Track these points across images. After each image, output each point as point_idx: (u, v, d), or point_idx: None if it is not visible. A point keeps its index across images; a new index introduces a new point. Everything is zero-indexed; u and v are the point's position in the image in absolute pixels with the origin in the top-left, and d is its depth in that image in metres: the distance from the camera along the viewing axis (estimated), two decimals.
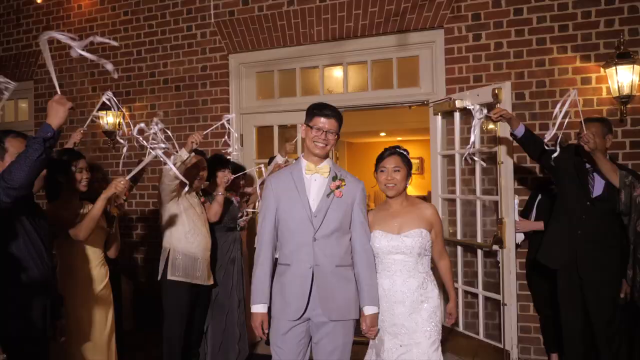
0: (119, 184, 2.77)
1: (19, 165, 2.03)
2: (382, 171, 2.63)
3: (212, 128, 3.70)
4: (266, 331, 2.42)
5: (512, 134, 3.40)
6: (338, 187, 2.47)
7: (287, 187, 2.47)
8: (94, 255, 2.84)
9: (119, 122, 5.27)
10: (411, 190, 12.18)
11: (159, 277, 3.54)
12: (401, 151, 2.65)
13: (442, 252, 2.69)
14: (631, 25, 3.86)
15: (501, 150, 3.73)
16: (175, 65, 5.23)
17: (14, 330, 2.10)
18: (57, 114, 2.07)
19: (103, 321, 2.83)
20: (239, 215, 4.08)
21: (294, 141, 4.21)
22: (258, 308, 2.43)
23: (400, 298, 2.51)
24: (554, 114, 3.05)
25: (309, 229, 2.40)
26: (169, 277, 3.48)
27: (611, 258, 3.25)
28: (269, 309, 2.45)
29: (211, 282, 3.72)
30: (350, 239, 2.51)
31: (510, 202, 3.72)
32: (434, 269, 2.71)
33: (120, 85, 5.43)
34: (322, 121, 2.44)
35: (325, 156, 2.51)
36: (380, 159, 2.67)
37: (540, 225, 3.76)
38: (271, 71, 5.03)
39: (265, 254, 2.46)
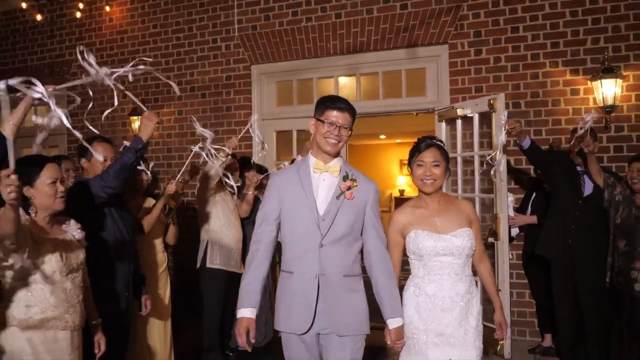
0: (170, 186, 3.30)
1: (115, 170, 2.51)
2: (419, 165, 2.34)
3: (242, 133, 4.17)
4: (252, 340, 2.17)
5: (519, 145, 3.79)
6: (349, 187, 2.22)
7: (292, 186, 2.23)
8: (156, 242, 3.32)
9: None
10: (409, 192, 12.69)
11: (198, 266, 4.02)
12: (439, 143, 2.37)
13: (482, 253, 2.45)
14: (615, 43, 4.35)
15: (497, 154, 4.19)
16: (201, 74, 5.70)
17: (105, 305, 2.56)
18: (146, 128, 2.54)
19: (162, 298, 3.32)
20: None
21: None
22: (245, 312, 2.16)
23: (448, 305, 2.27)
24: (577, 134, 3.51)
25: (316, 233, 2.17)
26: (208, 265, 3.96)
27: (601, 254, 3.72)
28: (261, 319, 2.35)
29: (242, 270, 4.18)
30: (361, 246, 2.29)
31: (504, 199, 4.19)
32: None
33: (150, 93, 5.89)
34: (335, 115, 2.19)
35: (337, 154, 2.27)
36: (417, 151, 2.36)
37: (533, 219, 4.25)
38: (290, 80, 5.51)
39: (261, 259, 2.21)
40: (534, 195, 4.37)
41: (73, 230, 2.30)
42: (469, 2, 4.72)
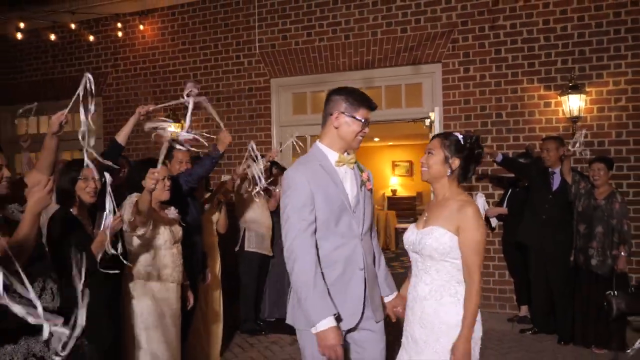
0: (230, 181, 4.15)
1: (198, 171, 3.31)
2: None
3: (284, 145, 4.96)
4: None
5: (494, 161, 4.80)
6: (369, 178, 2.25)
7: (322, 181, 2.11)
8: (211, 228, 4.13)
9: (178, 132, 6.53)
10: (401, 191, 13.51)
11: (237, 249, 4.83)
12: (450, 133, 2.19)
13: (470, 271, 2.01)
14: (580, 64, 5.22)
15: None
16: (226, 86, 6.49)
17: (187, 271, 3.35)
18: (223, 144, 3.40)
19: (215, 272, 4.12)
20: None
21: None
22: (329, 322, 1.96)
23: (410, 303, 2.17)
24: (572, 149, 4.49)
25: (353, 226, 2.14)
26: (246, 249, 4.78)
27: (567, 239, 4.60)
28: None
29: (271, 254, 5.00)
30: None
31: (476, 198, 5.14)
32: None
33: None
34: (367, 114, 2.17)
35: None
36: None
37: (504, 210, 5.15)
38: (304, 92, 6.34)
39: (314, 262, 2.02)
40: (510, 191, 5.24)
41: (173, 214, 3.11)
42: (459, 27, 5.58)
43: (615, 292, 4.13)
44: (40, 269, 2.08)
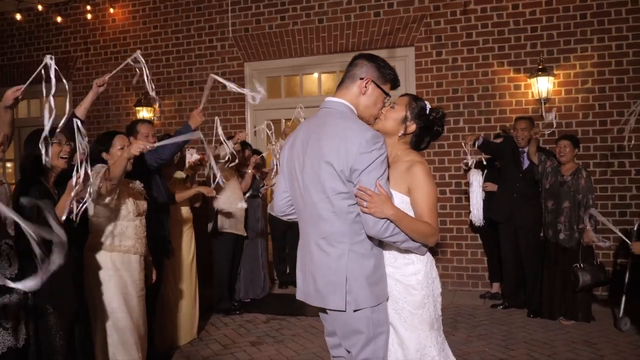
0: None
1: (168, 147, 3.26)
2: None
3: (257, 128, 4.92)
4: None
5: (473, 144, 4.84)
6: None
7: None
8: (185, 205, 4.08)
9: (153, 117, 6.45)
10: None
11: (209, 230, 4.79)
12: (420, 99, 2.16)
13: (424, 221, 1.97)
14: (548, 48, 5.35)
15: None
16: (199, 70, 6.43)
17: (154, 246, 3.31)
18: (195, 120, 3.32)
19: (188, 249, 4.07)
20: (260, 186, 5.37)
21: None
22: None
23: None
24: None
25: None
26: (220, 230, 4.73)
27: (535, 214, 4.71)
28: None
29: (245, 234, 4.98)
30: None
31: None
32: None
33: (152, 87, 6.57)
34: (390, 90, 2.04)
35: None
36: None
37: (495, 187, 5.16)
38: (279, 76, 6.32)
39: None
40: (485, 172, 5.33)
41: (138, 187, 3.07)
42: (432, 11, 5.65)
43: (582, 264, 4.26)
44: None
